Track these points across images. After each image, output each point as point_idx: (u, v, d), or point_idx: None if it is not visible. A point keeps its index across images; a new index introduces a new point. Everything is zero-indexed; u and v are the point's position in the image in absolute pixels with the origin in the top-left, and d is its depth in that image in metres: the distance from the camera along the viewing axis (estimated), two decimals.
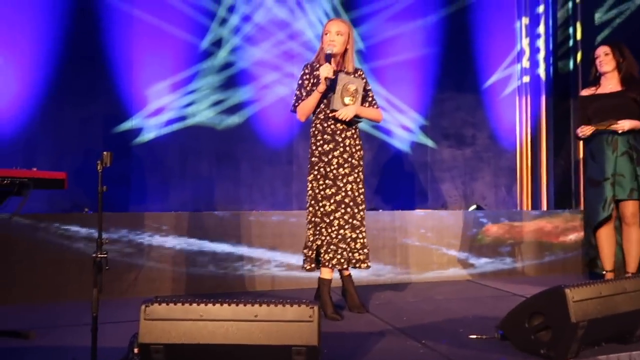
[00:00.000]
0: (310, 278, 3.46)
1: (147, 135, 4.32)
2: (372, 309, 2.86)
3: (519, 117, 5.51)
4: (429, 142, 5.14)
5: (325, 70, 2.58)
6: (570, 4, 5.32)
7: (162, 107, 4.37)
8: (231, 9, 4.59)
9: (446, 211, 4.02)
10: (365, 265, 2.70)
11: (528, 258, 4.13)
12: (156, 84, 4.35)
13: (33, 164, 2.66)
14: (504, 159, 5.42)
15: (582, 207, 4.90)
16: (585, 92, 3.39)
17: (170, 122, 4.39)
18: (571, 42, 5.32)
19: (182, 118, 4.44)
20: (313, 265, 2.69)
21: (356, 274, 3.26)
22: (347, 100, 2.64)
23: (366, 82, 2.78)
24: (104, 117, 4.20)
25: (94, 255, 1.82)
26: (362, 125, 4.29)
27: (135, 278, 3.20)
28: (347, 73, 2.69)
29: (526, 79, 5.48)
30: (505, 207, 5.26)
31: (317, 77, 2.68)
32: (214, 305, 1.65)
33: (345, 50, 2.71)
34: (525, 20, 5.51)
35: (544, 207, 5.32)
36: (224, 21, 4.57)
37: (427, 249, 3.87)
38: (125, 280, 3.18)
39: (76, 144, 4.02)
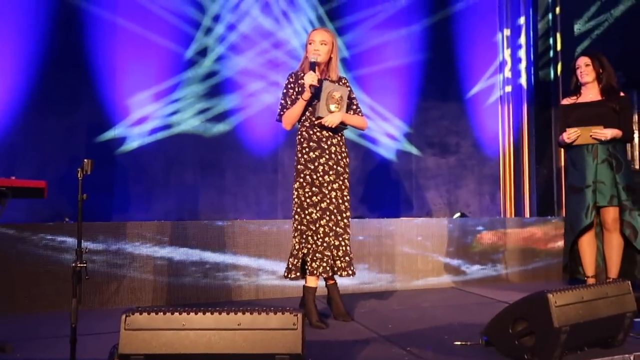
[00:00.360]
0: (295, 287, 3.44)
1: (131, 144, 4.28)
2: (358, 317, 2.84)
3: (501, 126, 5.59)
4: (414, 150, 5.18)
5: (310, 78, 2.60)
6: (550, 16, 5.43)
7: (146, 115, 4.34)
8: (216, 18, 4.59)
9: (431, 219, 4.04)
10: (347, 273, 2.68)
11: (512, 265, 4.16)
12: (140, 93, 4.32)
13: (13, 172, 2.60)
14: (488, 167, 5.48)
15: (563, 214, 4.97)
16: (565, 101, 3.45)
17: (154, 130, 4.36)
18: (551, 53, 5.43)
19: (166, 127, 4.41)
20: (298, 274, 2.67)
21: (341, 282, 3.25)
22: (332, 107, 2.65)
23: (350, 90, 2.80)
24: (86, 125, 4.15)
25: (73, 264, 1.79)
26: (348, 133, 4.31)
27: (116, 289, 3.14)
28: (332, 81, 2.71)
29: (508, 88, 5.57)
30: (489, 215, 5.31)
31: (302, 85, 2.70)
32: (196, 314, 1.63)
33: (330, 59, 2.73)
34: (507, 32, 5.62)
35: (527, 214, 5.38)
36: (208, 30, 4.57)
37: (413, 256, 3.88)
38: (106, 291, 3.12)
39: (58, 152, 3.97)
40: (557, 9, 5.36)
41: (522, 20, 5.58)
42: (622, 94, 3.28)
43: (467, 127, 5.41)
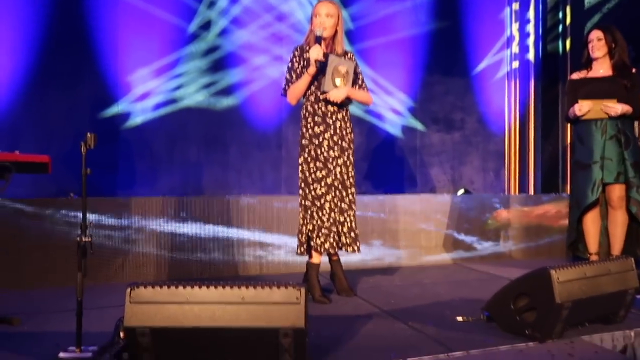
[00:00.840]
0: (299, 262, 3.47)
1: (134, 120, 4.26)
2: (360, 292, 2.87)
3: (507, 101, 5.52)
4: (418, 126, 5.14)
5: (315, 52, 2.56)
6: None
7: (149, 90, 4.30)
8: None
9: (434, 195, 4.04)
10: (352, 248, 2.68)
11: (515, 241, 4.17)
12: (143, 67, 4.28)
13: (17, 148, 2.61)
14: (493, 143, 5.44)
15: (568, 191, 4.95)
16: (575, 76, 3.37)
17: (157, 106, 4.33)
18: (560, 27, 5.32)
19: (170, 102, 4.38)
20: (303, 249, 2.68)
21: (345, 258, 3.28)
22: (337, 82, 2.62)
23: (356, 65, 2.76)
24: (89, 101, 4.12)
25: (78, 239, 1.80)
26: (352, 108, 4.27)
27: (121, 264, 3.17)
28: (337, 55, 2.67)
29: (515, 64, 5.48)
30: (493, 191, 5.30)
31: (307, 59, 2.66)
32: (200, 288, 1.64)
33: (335, 32, 2.68)
34: (515, 6, 5.50)
35: (532, 191, 5.36)
36: (211, 3, 4.49)
37: (416, 233, 3.88)
38: (111, 266, 3.15)
39: (61, 128, 3.95)
40: None
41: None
42: (633, 70, 3.21)
43: (473, 102, 5.35)
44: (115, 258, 3.16)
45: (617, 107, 3.08)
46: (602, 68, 3.25)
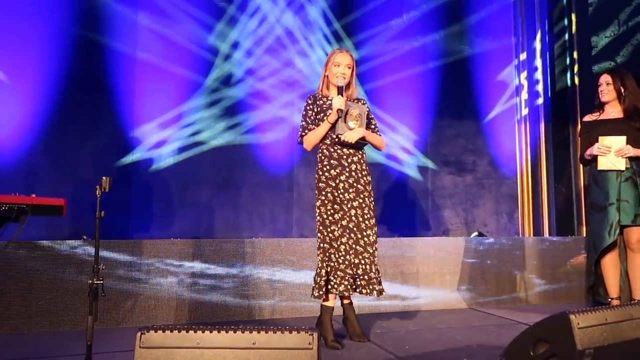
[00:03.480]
0: (310, 307, 3.41)
1: (149, 164, 4.34)
2: (373, 337, 2.80)
3: (518, 144, 5.55)
4: (430, 169, 5.15)
5: (338, 102, 2.63)
6: (566, 35, 5.40)
7: (163, 136, 4.41)
8: (235, 45, 4.68)
9: (448, 238, 3.99)
10: (366, 291, 2.63)
11: (531, 286, 4.07)
12: (158, 114, 4.40)
13: (33, 191, 2.66)
14: (505, 185, 5.42)
15: (584, 234, 4.88)
16: (588, 118, 3.39)
17: (171, 150, 4.42)
18: (568, 71, 5.39)
19: (184, 147, 4.47)
20: (321, 292, 2.63)
21: (357, 302, 3.22)
22: (351, 124, 2.68)
23: (369, 111, 2.82)
24: (105, 145, 4.23)
25: (89, 282, 1.80)
26: (353, 151, 4.28)
27: (132, 307, 3.15)
28: (349, 100, 2.74)
29: (525, 111, 5.55)
30: (507, 234, 5.23)
31: (321, 106, 2.75)
32: (211, 332, 1.61)
33: (349, 82, 2.78)
34: (522, 56, 5.63)
35: (546, 233, 5.28)
36: (227, 57, 4.66)
37: (429, 276, 3.82)
38: (121, 309, 3.13)
39: (78, 173, 4.04)
40: (574, 27, 5.34)
41: (538, 43, 5.58)
42: None
43: (484, 145, 5.38)
44: (126, 301, 3.14)
45: (629, 149, 3.08)
46: (614, 111, 3.26)
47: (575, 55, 5.30)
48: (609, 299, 3.18)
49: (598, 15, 5.15)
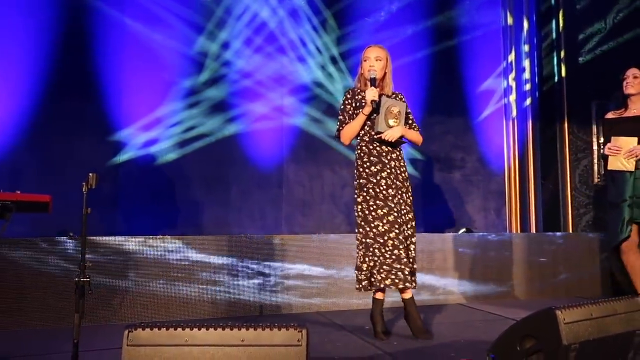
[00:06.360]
0: (300, 303, 3.42)
1: (136, 159, 4.30)
2: (362, 333, 2.81)
3: (506, 142, 5.59)
4: (419, 165, 5.17)
5: (371, 94, 2.63)
6: (554, 35, 5.45)
7: (150, 132, 4.37)
8: (225, 46, 4.65)
9: (436, 234, 4.00)
10: (408, 283, 2.63)
11: (518, 281, 4.11)
12: (145, 110, 4.36)
13: (18, 188, 2.62)
14: (493, 182, 5.46)
15: (570, 230, 4.94)
16: (610, 115, 3.44)
17: (159, 146, 4.38)
18: (556, 68, 5.43)
19: (172, 145, 4.43)
20: (361, 286, 2.67)
21: (345, 300, 3.24)
22: (391, 122, 2.68)
23: (407, 106, 2.82)
24: (92, 142, 4.18)
25: (76, 279, 1.78)
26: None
27: (120, 303, 3.12)
28: (388, 96, 2.75)
29: (514, 112, 5.60)
30: (495, 230, 5.27)
31: (359, 101, 2.76)
32: (199, 329, 1.60)
33: (384, 75, 2.77)
34: (511, 57, 5.68)
35: (533, 230, 5.33)
36: (217, 57, 4.62)
37: (418, 272, 3.82)
38: (109, 306, 3.10)
39: (63, 169, 3.99)
40: (561, 27, 5.38)
41: (526, 47, 5.63)
42: None
43: (473, 142, 5.42)
44: (114, 298, 3.11)
45: (635, 151, 3.13)
46: (635, 107, 3.30)
47: (562, 54, 5.34)
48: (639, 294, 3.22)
49: (586, 14, 5.20)
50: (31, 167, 3.94)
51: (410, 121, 2.85)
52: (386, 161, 2.71)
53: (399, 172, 2.74)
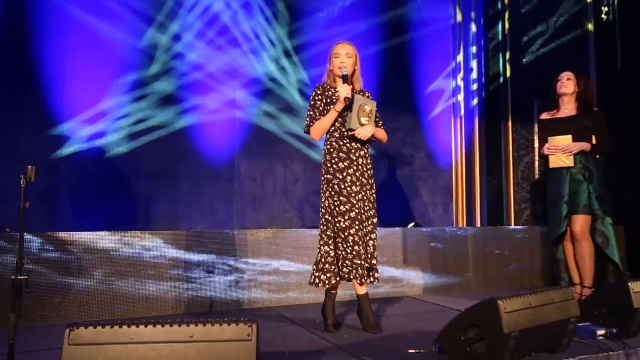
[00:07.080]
0: (251, 298, 3.40)
1: (81, 153, 4.13)
2: (312, 326, 2.83)
3: (454, 138, 5.76)
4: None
5: (345, 91, 2.64)
6: (500, 36, 5.66)
7: (97, 123, 4.20)
8: (176, 38, 4.54)
9: (385, 229, 4.08)
10: (366, 279, 2.67)
11: (465, 273, 4.26)
12: (92, 99, 4.18)
13: None
14: (441, 178, 5.62)
15: (512, 224, 5.16)
16: (544, 116, 3.66)
17: (106, 139, 4.22)
18: (501, 69, 5.65)
19: (119, 135, 4.28)
20: (318, 279, 2.67)
21: (296, 294, 3.24)
22: (363, 120, 2.69)
23: (376, 104, 2.83)
24: (32, 133, 3.97)
25: (12, 277, 1.69)
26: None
27: (60, 302, 2.98)
28: (358, 93, 2.76)
29: (462, 112, 5.79)
30: (443, 225, 5.43)
31: (329, 97, 2.76)
32: (146, 326, 1.56)
33: (354, 71, 2.78)
34: (459, 58, 5.84)
35: (478, 224, 5.54)
36: (168, 49, 4.50)
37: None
38: (49, 305, 2.96)
39: (1, 162, 3.76)
40: (506, 29, 5.60)
41: (474, 48, 5.82)
42: (595, 108, 3.46)
43: (422, 139, 5.55)
44: (53, 296, 2.97)
45: (571, 147, 3.33)
46: (567, 108, 3.52)
47: (507, 55, 5.56)
48: (574, 284, 3.42)
49: (530, 16, 5.44)
50: None
51: (377, 118, 2.89)
52: (354, 158, 2.74)
53: (365, 169, 2.78)
